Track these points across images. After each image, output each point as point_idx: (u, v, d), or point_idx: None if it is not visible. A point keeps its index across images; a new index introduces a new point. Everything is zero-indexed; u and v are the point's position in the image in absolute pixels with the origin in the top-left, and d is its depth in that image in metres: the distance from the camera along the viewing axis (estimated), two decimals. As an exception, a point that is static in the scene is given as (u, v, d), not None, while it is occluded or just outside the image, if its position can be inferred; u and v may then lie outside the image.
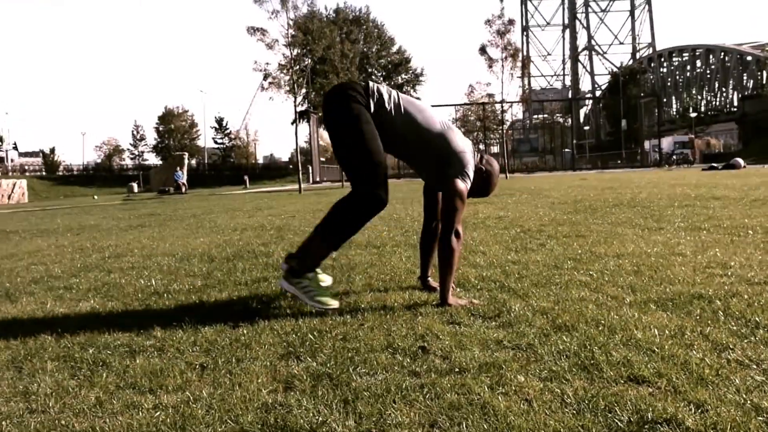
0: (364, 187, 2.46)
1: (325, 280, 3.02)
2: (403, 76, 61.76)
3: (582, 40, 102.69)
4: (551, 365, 1.82)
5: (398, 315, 2.49)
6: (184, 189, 30.70)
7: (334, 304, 2.56)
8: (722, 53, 74.43)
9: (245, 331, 2.32)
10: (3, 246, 6.15)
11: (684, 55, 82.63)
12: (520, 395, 1.64)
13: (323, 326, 2.36)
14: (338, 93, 2.53)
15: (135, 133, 71.17)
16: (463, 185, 2.58)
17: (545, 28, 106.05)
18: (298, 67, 24.34)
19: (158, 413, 1.63)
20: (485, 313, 2.45)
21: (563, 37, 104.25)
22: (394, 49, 63.76)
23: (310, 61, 34.00)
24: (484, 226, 5.64)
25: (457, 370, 1.83)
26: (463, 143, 2.62)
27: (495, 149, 52.54)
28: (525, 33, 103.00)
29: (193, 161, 69.58)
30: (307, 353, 2.04)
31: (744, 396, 1.57)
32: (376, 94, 2.53)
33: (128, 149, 72.24)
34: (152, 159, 69.88)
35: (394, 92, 2.60)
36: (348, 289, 3.08)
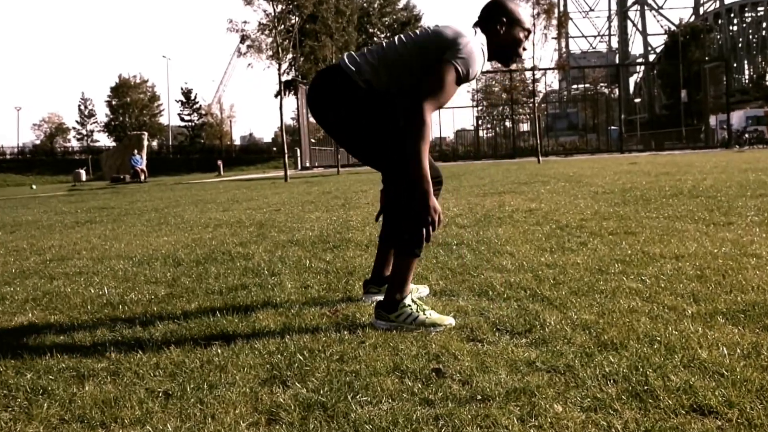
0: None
1: (421, 291, 3.06)
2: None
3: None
4: (595, 392, 1.81)
5: (407, 331, 2.50)
6: (143, 177, 30.78)
7: (450, 320, 2.56)
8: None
9: (219, 351, 2.32)
10: None
11: (759, 9, 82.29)
12: (557, 429, 1.63)
13: (315, 344, 2.36)
14: (323, 96, 2.60)
15: (82, 108, 71.36)
16: (452, 75, 2.50)
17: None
18: (283, 27, 24.27)
19: (113, 451, 1.64)
20: (514, 327, 2.44)
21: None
22: (401, 4, 63.79)
23: (297, 19, 33.95)
24: (511, 221, 5.64)
25: (479, 397, 1.82)
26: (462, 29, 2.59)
27: (525, 127, 52.54)
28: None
29: (155, 143, 69.78)
30: (295, 377, 2.04)
31: (834, 430, 1.56)
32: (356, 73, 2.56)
33: (74, 128, 72.59)
34: (104, 140, 70.13)
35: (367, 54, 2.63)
36: (345, 298, 3.10)
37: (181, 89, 72.89)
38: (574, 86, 71.99)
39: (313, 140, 38.78)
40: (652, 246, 4.01)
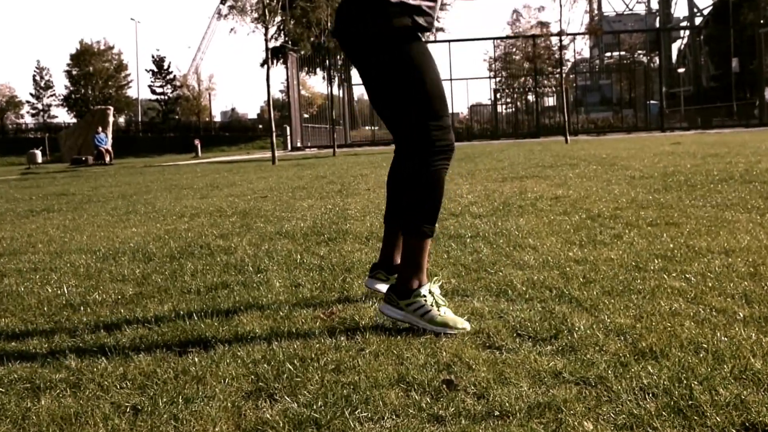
0: (418, 133, 2.61)
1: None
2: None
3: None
4: (631, 407, 1.80)
5: (413, 336, 2.50)
6: (108, 158, 30.80)
7: (465, 324, 2.57)
8: None
9: (197, 359, 2.32)
10: None
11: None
12: (588, 450, 1.62)
13: (307, 351, 2.35)
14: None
15: (38, 78, 71.33)
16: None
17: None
18: (270, -16, 24.17)
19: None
20: (537, 333, 2.44)
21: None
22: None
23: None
24: (534, 210, 5.63)
25: (497, 413, 1.82)
26: None
27: (550, 101, 52.39)
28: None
29: (122, 119, 69.79)
30: (284, 390, 2.04)
31: None
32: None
33: (28, 102, 72.51)
34: (63, 116, 70.30)
35: None
36: (342, 298, 3.10)
37: (153, 57, 72.93)
38: (608, 54, 71.70)
39: (305, 116, 38.77)
40: (697, 239, 4.00)
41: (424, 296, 2.61)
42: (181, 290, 3.40)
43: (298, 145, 37.10)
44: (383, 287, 2.90)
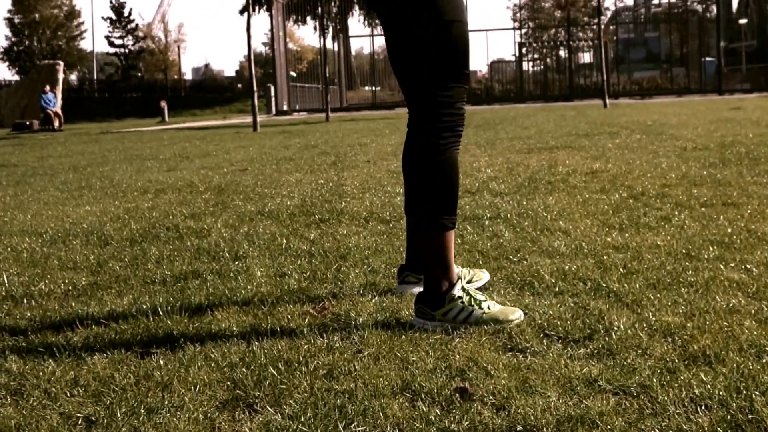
0: (428, 96, 2.63)
1: (483, 277, 3.12)
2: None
3: None
4: (680, 421, 1.79)
5: (421, 336, 2.48)
6: (57, 123, 30.75)
7: (518, 314, 2.61)
8: None
9: (162, 362, 2.31)
10: None
11: None
12: (628, 472, 1.62)
13: (294, 353, 2.34)
14: None
15: (-26, 28, 70.99)
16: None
17: None
18: None
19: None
20: (568, 333, 2.43)
21: None
22: None
23: None
24: (565, 187, 5.62)
25: (519, 428, 1.81)
26: None
27: (586, 58, 52.17)
28: None
29: (74, 76, 69.60)
30: (266, 399, 2.03)
31: None
32: None
33: (-39, 56, 72.14)
34: (3, 72, 69.83)
35: None
36: (336, 290, 3.09)
37: (111, 2, 72.56)
38: (655, 1, 71.35)
39: (293, 74, 38.67)
40: (760, 222, 3.99)
41: (460, 297, 2.62)
42: (144, 280, 3.39)
43: (285, 108, 37.02)
44: (417, 290, 2.87)
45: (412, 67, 2.64)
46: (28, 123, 30.66)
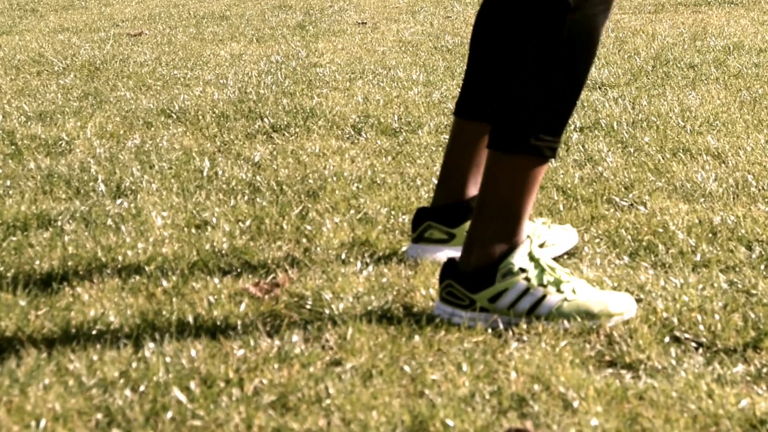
0: None
1: (565, 239, 2.40)
2: None
3: None
4: None
5: (448, 337, 1.84)
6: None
7: (623, 304, 1.95)
8: None
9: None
10: None
11: None
12: None
13: (218, 365, 1.74)
14: None
15: None
16: None
17: None
18: None
19: None
20: (716, 336, 1.83)
21: None
22: None
23: None
24: (721, 75, 4.48)
25: None
26: None
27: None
28: None
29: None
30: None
31: None
32: None
33: None
34: None
35: None
36: (299, 255, 2.35)
37: None
38: None
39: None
40: None
41: (523, 271, 1.93)
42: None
43: None
44: (446, 254, 2.16)
45: None
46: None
